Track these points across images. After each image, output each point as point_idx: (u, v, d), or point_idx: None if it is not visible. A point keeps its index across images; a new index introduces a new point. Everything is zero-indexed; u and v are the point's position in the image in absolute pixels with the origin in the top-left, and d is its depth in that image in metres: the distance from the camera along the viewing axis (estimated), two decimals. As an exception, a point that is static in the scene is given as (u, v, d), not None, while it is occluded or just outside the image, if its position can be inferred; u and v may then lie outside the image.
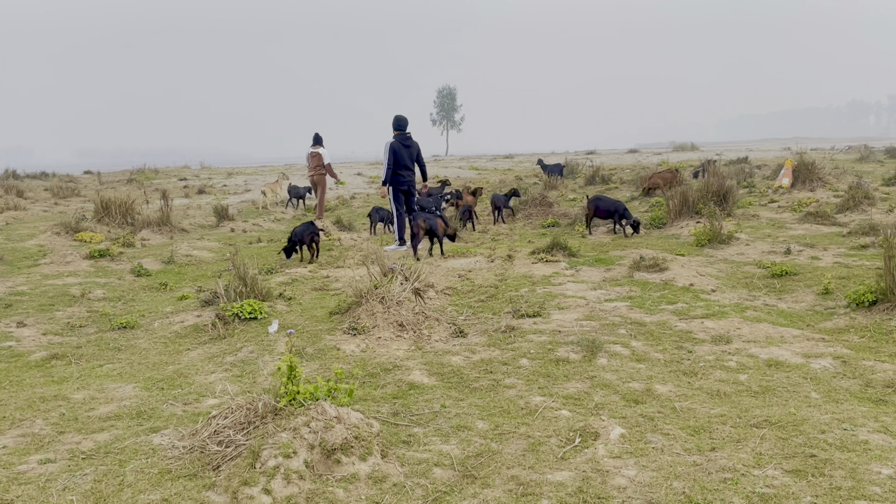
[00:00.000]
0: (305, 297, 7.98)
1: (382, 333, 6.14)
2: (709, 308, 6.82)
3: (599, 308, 6.99)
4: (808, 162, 17.57)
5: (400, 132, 11.57)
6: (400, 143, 11.49)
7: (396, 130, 11.60)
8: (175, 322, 6.95)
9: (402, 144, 11.51)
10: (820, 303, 7.03)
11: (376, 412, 4.50)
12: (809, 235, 10.86)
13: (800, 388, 4.70)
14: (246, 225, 15.07)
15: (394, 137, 11.52)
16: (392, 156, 11.39)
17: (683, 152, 42.36)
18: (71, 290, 8.51)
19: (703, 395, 4.62)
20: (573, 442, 3.94)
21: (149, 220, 13.75)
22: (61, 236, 12.50)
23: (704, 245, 10.39)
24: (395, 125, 11.65)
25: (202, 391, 4.99)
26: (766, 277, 8.20)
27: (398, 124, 11.64)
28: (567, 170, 24.77)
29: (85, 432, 4.28)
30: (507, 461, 3.78)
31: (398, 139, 11.52)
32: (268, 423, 3.87)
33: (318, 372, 5.29)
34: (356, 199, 21.35)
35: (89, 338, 6.59)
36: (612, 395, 4.67)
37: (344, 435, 3.75)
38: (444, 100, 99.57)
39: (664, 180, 16.94)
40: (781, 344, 5.66)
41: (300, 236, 10.34)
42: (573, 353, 5.51)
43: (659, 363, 5.29)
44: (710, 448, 3.80)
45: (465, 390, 4.90)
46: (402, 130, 11.60)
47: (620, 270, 8.80)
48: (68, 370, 5.59)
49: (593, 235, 12.13)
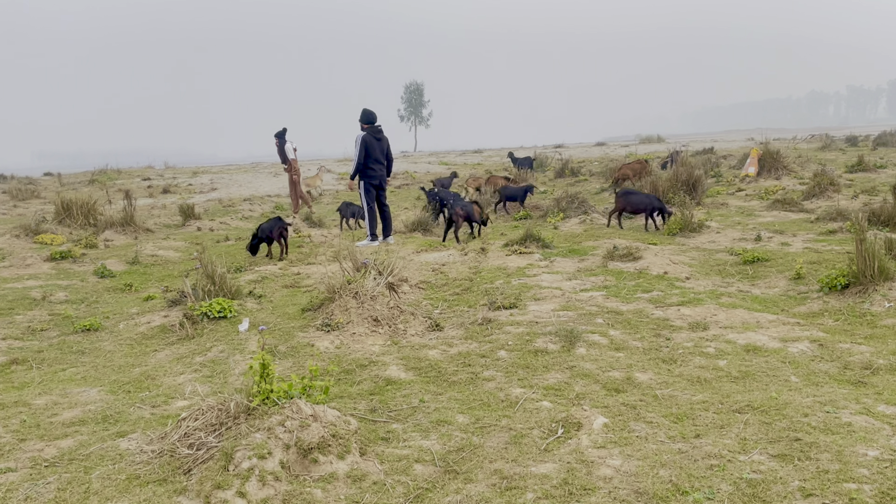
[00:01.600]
0: (276, 294, 7.81)
1: (357, 329, 6.01)
2: (684, 295, 6.81)
3: (575, 298, 6.93)
4: (773, 151, 17.79)
5: (370, 125, 11.38)
6: (372, 136, 11.30)
7: (366, 124, 11.39)
8: (141, 323, 6.73)
9: (374, 138, 11.32)
10: (793, 288, 7.06)
11: (353, 409, 4.38)
12: (778, 222, 10.96)
13: (779, 372, 4.69)
14: (213, 224, 14.78)
15: (364, 131, 11.34)
16: (364, 149, 11.21)
17: (650, 144, 42.78)
18: (31, 293, 8.21)
19: (684, 382, 4.58)
20: (556, 433, 3.86)
21: (112, 220, 13.38)
22: (21, 239, 12.10)
23: (676, 234, 10.42)
24: (365, 118, 11.44)
25: (171, 393, 4.82)
26: (738, 264, 8.23)
27: (368, 117, 11.43)
28: (536, 163, 24.79)
29: (48, 439, 4.09)
30: (489, 455, 3.68)
31: (370, 132, 11.32)
32: (241, 424, 3.73)
33: (291, 370, 5.15)
34: (325, 196, 21.10)
35: (51, 341, 6.35)
36: (593, 384, 4.61)
37: (321, 433, 3.62)
38: (411, 95, 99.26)
39: (633, 171, 16.99)
40: (758, 329, 5.65)
41: (267, 232, 10.13)
42: (551, 343, 5.44)
43: (638, 351, 5.24)
44: (694, 435, 3.75)
45: (443, 384, 4.80)
46: (373, 123, 11.40)
47: (594, 260, 8.77)
48: (29, 375, 5.37)
49: (566, 227, 12.10)
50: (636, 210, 11.48)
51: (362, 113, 11.50)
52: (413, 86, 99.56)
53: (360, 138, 11.24)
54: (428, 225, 12.42)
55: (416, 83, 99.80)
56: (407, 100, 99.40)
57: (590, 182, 19.54)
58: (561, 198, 13.66)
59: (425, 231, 12.24)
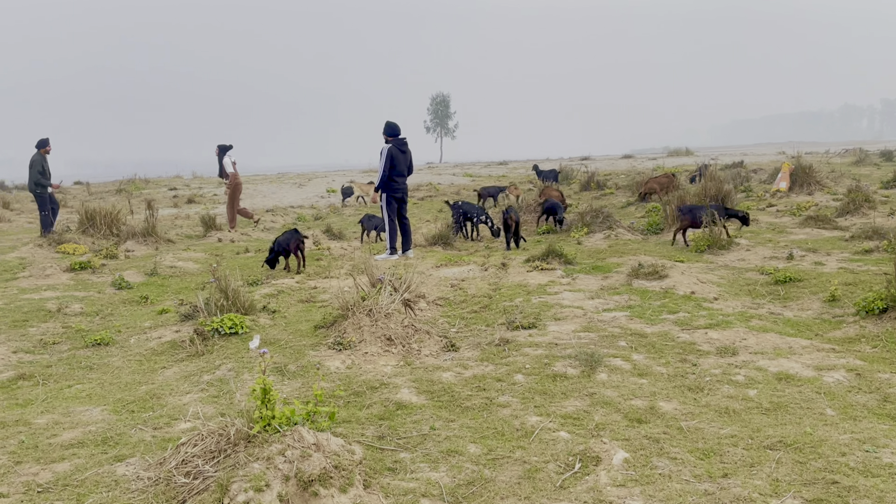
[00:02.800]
0: (291, 309, 7.66)
1: (369, 348, 5.82)
2: (712, 317, 6.52)
3: (598, 318, 6.68)
4: (806, 165, 17.35)
5: (395, 137, 11.20)
6: (397, 148, 11.13)
7: (391, 136, 11.21)
8: (152, 338, 6.61)
9: (399, 150, 11.16)
10: (827, 310, 6.73)
11: (360, 435, 4.18)
12: (811, 240, 10.59)
13: (813, 404, 4.40)
14: (234, 235, 14.73)
15: (390, 143, 11.17)
16: (389, 161, 11.05)
17: (678, 157, 42.24)
18: (47, 304, 8.16)
19: (711, 413, 4.31)
20: (573, 468, 3.63)
21: (134, 230, 13.39)
22: (43, 248, 12.15)
23: (704, 251, 10.10)
24: (390, 131, 11.24)
25: (175, 414, 4.66)
26: (769, 284, 7.91)
27: (392, 130, 11.24)
28: (562, 175, 24.52)
29: (44, 462, 3.94)
30: (500, 490, 3.46)
31: (396, 144, 11.13)
32: (239, 452, 3.55)
33: (299, 391, 4.97)
34: (347, 208, 21.04)
35: (61, 356, 6.25)
36: (614, 413, 4.36)
37: (322, 464, 3.43)
38: (437, 107, 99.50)
39: (660, 185, 16.69)
40: (790, 355, 5.36)
41: (284, 245, 10.01)
42: (571, 367, 5.20)
43: (662, 378, 4.98)
44: (721, 474, 3.49)
45: (456, 410, 4.58)
46: (397, 136, 11.23)
47: (618, 278, 8.50)
48: (34, 392, 5.25)
49: (590, 242, 11.81)
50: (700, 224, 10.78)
51: (386, 125, 11.33)
52: (439, 97, 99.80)
53: (385, 150, 11.07)
54: (449, 239, 12.22)
55: (443, 95, 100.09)
56: (433, 111, 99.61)
57: (616, 195, 19.22)
58: (585, 212, 13.39)
59: (446, 245, 12.04)
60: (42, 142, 13.74)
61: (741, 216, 11.09)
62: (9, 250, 12.27)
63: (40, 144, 13.72)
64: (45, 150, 13.71)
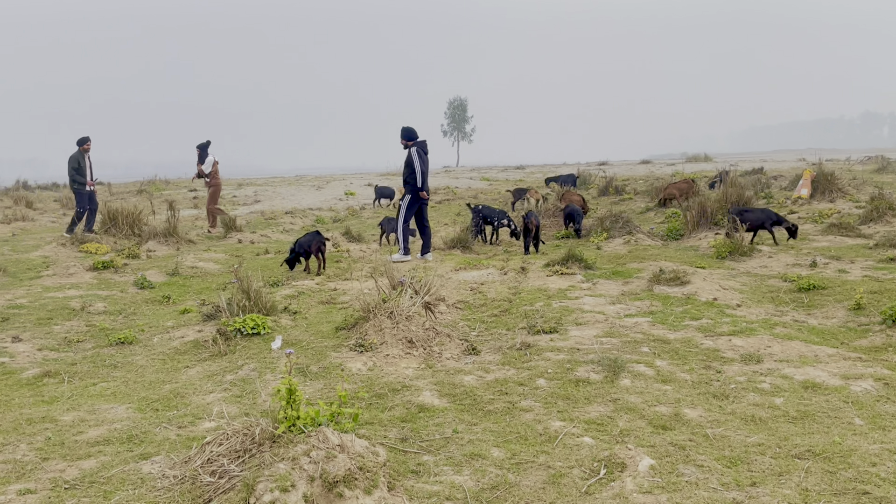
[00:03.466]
0: (312, 310, 7.68)
1: (391, 350, 5.82)
2: (735, 324, 6.46)
3: (619, 324, 6.64)
4: (827, 172, 17.15)
5: (413, 141, 11.24)
6: (421, 150, 11.20)
7: (409, 140, 11.24)
8: (175, 337, 6.65)
9: (423, 152, 11.23)
10: (853, 319, 6.65)
11: (383, 437, 4.18)
12: (834, 247, 10.47)
13: (842, 413, 4.34)
14: (254, 236, 14.81)
15: (413, 146, 11.18)
16: (421, 163, 11.11)
17: (697, 163, 41.90)
18: (71, 303, 8.24)
19: (737, 421, 4.27)
20: (598, 474, 3.60)
21: (155, 231, 13.51)
22: (66, 247, 12.28)
23: (725, 257, 10.02)
24: (409, 135, 11.28)
25: (199, 413, 4.68)
26: (792, 291, 7.83)
27: (412, 134, 11.29)
28: (580, 181, 24.41)
29: (70, 459, 3.98)
30: (525, 495, 3.45)
31: (420, 147, 11.20)
32: (265, 452, 3.56)
33: (321, 392, 4.98)
34: (366, 210, 21.09)
35: (85, 354, 6.31)
36: (638, 420, 4.33)
37: (347, 465, 3.43)
38: (455, 111, 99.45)
39: (680, 191, 16.58)
40: (816, 364, 5.29)
41: (305, 246, 10.05)
42: (594, 372, 5.17)
43: (686, 384, 4.94)
44: (749, 482, 3.45)
45: (478, 413, 4.57)
46: (416, 139, 11.28)
47: (639, 284, 8.45)
48: (60, 389, 5.30)
49: (609, 247, 11.76)
50: (753, 227, 10.87)
51: (404, 130, 11.35)
52: (457, 101, 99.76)
53: (414, 152, 11.11)
54: (467, 242, 12.21)
55: (460, 98, 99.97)
56: (450, 115, 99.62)
57: (634, 201, 19.12)
58: (604, 217, 13.34)
59: (465, 248, 12.03)
60: (81, 139, 13.82)
61: (790, 227, 10.74)
62: (33, 249, 12.42)
63: (80, 142, 13.79)
64: (84, 148, 13.75)
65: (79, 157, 13.66)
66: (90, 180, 13.92)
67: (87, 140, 13.82)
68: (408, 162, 11.22)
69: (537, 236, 11.64)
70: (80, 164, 13.66)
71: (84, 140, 13.78)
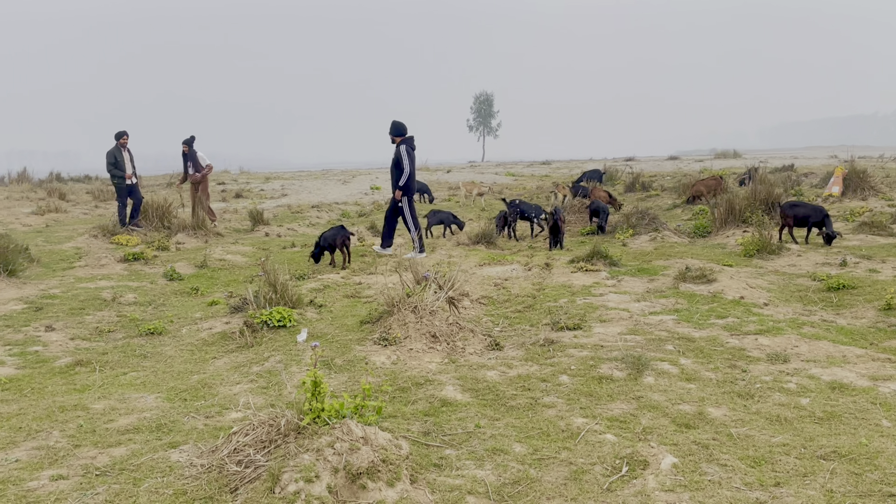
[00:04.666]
0: (336, 304, 7.75)
1: (414, 345, 5.86)
2: (762, 323, 6.40)
3: (644, 321, 6.61)
4: (859, 170, 16.83)
5: (402, 137, 11.09)
6: (410, 146, 11.07)
7: (399, 136, 11.08)
8: (203, 329, 6.76)
9: (412, 148, 11.13)
10: (882, 319, 6.55)
11: (406, 430, 4.22)
12: (865, 246, 10.30)
13: (869, 414, 4.29)
14: (280, 229, 14.96)
15: (403, 143, 11.03)
16: (410, 160, 11.00)
17: (726, 159, 41.40)
18: (102, 293, 8.41)
19: (762, 421, 4.23)
20: (620, 471, 3.60)
21: (184, 223, 13.71)
22: (98, 239, 12.51)
23: (753, 255, 9.91)
24: (399, 131, 11.10)
25: (226, 403, 4.76)
26: (821, 291, 7.73)
27: (401, 129, 11.12)
28: (606, 177, 24.26)
29: (101, 446, 4.08)
30: (546, 491, 3.46)
31: (409, 143, 11.06)
32: (290, 443, 3.61)
33: (346, 385, 5.03)
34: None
35: (116, 343, 6.44)
36: (661, 418, 4.31)
37: (371, 458, 3.47)
38: (481, 106, 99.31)
39: (708, 188, 16.41)
40: (844, 364, 5.23)
41: (330, 240, 10.13)
42: (617, 370, 5.16)
43: (711, 383, 4.91)
44: (773, 483, 3.43)
45: (500, 409, 4.59)
46: (405, 135, 11.13)
47: (665, 281, 8.39)
48: (91, 378, 5.43)
49: (635, 244, 11.68)
50: (800, 222, 10.77)
51: (394, 125, 11.17)
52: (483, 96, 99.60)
53: (405, 149, 10.98)
54: (492, 237, 12.22)
55: (486, 93, 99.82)
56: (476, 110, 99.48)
57: (661, 197, 18.96)
58: (631, 213, 13.25)
59: (489, 244, 12.04)
60: (118, 133, 13.85)
61: (830, 234, 10.37)
62: (65, 240, 12.67)
63: (117, 136, 13.83)
64: (121, 142, 13.80)
65: (115, 152, 13.76)
66: (129, 173, 13.86)
67: (124, 134, 13.89)
68: (396, 159, 11.07)
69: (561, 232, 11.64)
70: (116, 159, 13.74)
71: (120, 134, 13.86)
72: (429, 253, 11.38)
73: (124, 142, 13.78)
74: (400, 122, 11.28)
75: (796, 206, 10.96)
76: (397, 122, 11.27)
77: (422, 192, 21.97)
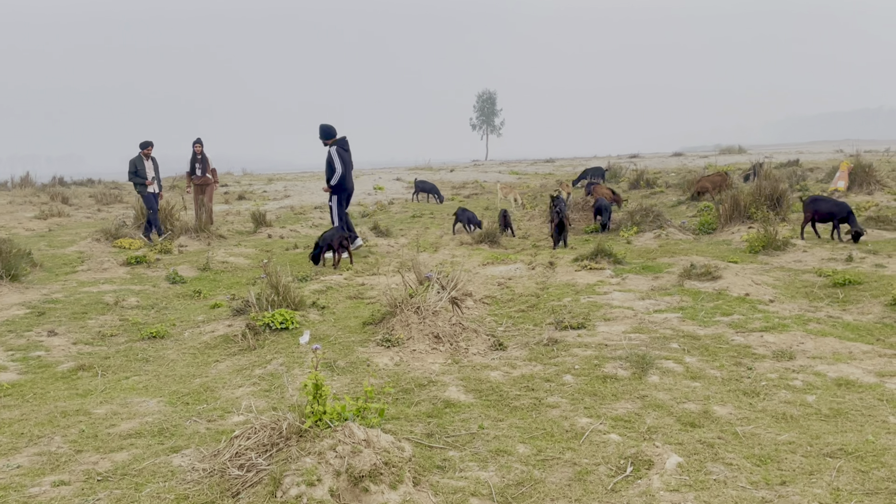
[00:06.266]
0: (339, 305, 7.73)
1: (417, 346, 5.84)
2: (768, 320, 6.35)
3: (648, 319, 6.57)
4: (865, 164, 16.76)
5: (332, 139, 11.39)
6: (342, 148, 11.36)
7: (328, 139, 11.40)
8: (205, 332, 6.75)
9: (344, 150, 11.39)
10: (889, 315, 6.50)
11: (409, 432, 4.20)
12: (871, 241, 10.23)
13: (875, 411, 4.25)
14: (283, 231, 14.95)
15: (333, 145, 11.31)
16: (343, 162, 11.25)
17: (730, 155, 41.25)
18: (105, 297, 8.40)
19: (768, 419, 4.20)
20: (624, 471, 3.57)
21: (187, 226, 13.71)
22: (101, 243, 12.52)
23: (758, 252, 9.85)
24: (327, 134, 11.42)
25: (228, 407, 4.74)
26: (827, 287, 7.67)
27: (330, 132, 11.43)
28: (610, 174, 24.20)
29: (103, 451, 4.06)
30: (550, 492, 3.43)
31: (340, 145, 11.36)
32: (292, 447, 3.59)
33: (348, 387, 5.01)
34: (394, 205, 21.15)
35: (118, 348, 6.43)
36: (666, 417, 4.28)
37: (373, 460, 3.45)
38: (484, 104, 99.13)
39: (713, 184, 16.34)
40: (851, 361, 5.18)
41: (329, 241, 10.13)
42: (621, 369, 5.12)
43: (716, 381, 4.87)
44: (779, 481, 3.39)
45: (504, 409, 4.56)
46: (335, 137, 11.41)
47: (670, 279, 8.35)
48: (94, 382, 5.41)
49: (639, 241, 11.63)
50: (824, 218, 10.64)
51: (323, 129, 11.45)
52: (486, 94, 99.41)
53: (334, 152, 11.25)
54: (495, 237, 12.19)
55: (489, 92, 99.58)
56: (479, 108, 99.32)
57: (666, 194, 18.89)
58: (635, 210, 13.19)
59: (492, 243, 12.01)
60: (142, 144, 13.76)
61: (857, 232, 10.17)
62: (68, 244, 12.68)
63: (141, 146, 13.75)
64: (145, 153, 13.68)
65: (136, 161, 13.65)
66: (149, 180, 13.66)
67: (148, 145, 13.71)
68: (328, 161, 11.34)
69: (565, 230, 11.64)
70: (136, 167, 13.65)
71: (145, 144, 13.72)
72: (431, 253, 11.37)
73: (148, 152, 13.68)
74: (328, 125, 11.56)
75: (818, 201, 10.84)
76: (325, 125, 11.56)
77: (431, 192, 21.94)
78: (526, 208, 18.10)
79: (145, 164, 13.52)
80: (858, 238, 10.16)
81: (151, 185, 13.52)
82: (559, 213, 11.45)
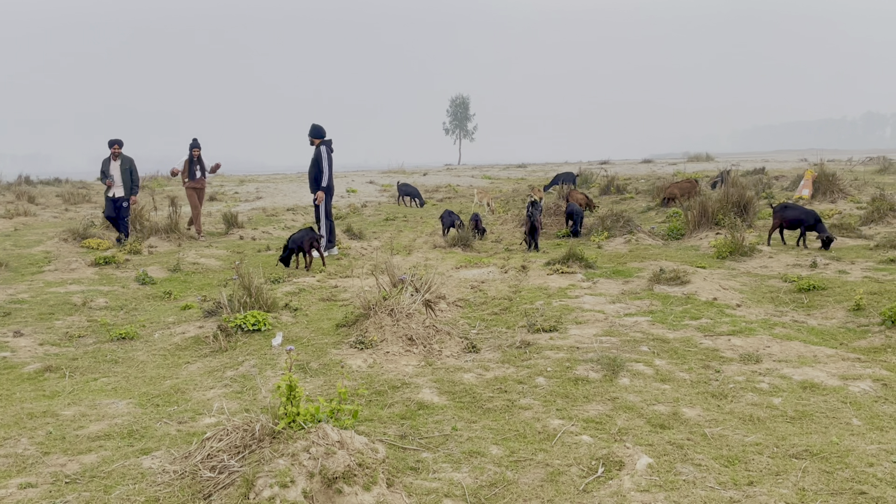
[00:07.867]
0: (312, 307, 7.70)
1: (391, 348, 5.84)
2: (735, 324, 6.47)
3: (619, 323, 6.66)
4: (829, 173, 17.15)
5: (321, 139, 11.40)
6: (329, 148, 11.38)
7: (318, 138, 11.40)
8: (176, 333, 6.67)
9: (330, 150, 11.41)
10: (852, 319, 6.67)
11: (383, 434, 4.20)
12: (835, 248, 10.47)
13: (840, 413, 4.36)
14: (255, 232, 14.84)
15: (322, 144, 11.33)
16: (330, 163, 11.29)
17: (699, 163, 41.86)
18: (73, 298, 8.27)
19: (735, 421, 4.28)
20: (596, 472, 3.62)
21: (157, 226, 13.52)
22: (69, 243, 12.31)
23: (726, 257, 10.03)
24: (318, 133, 11.43)
25: (199, 409, 4.70)
26: (792, 292, 7.84)
27: (320, 132, 11.44)
28: (581, 179, 24.41)
29: (71, 453, 4.00)
30: (523, 493, 3.46)
31: (329, 145, 11.38)
32: (265, 448, 3.58)
33: (322, 389, 5.00)
34: (367, 208, 21.11)
35: (87, 349, 6.33)
36: (637, 418, 4.34)
37: (347, 462, 3.45)
38: (457, 109, 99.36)
39: (682, 190, 16.58)
40: (815, 364, 5.31)
41: (298, 243, 10.09)
42: (593, 371, 5.19)
43: (685, 384, 4.96)
44: (747, 482, 3.47)
45: (477, 411, 4.59)
46: (324, 138, 11.44)
47: (640, 283, 8.46)
48: (61, 384, 5.33)
49: (610, 246, 11.77)
50: (792, 225, 10.81)
51: (313, 128, 11.48)
52: (459, 99, 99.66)
53: (324, 152, 11.27)
54: (468, 240, 12.24)
55: (462, 96, 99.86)
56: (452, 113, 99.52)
57: (636, 200, 19.13)
58: (606, 216, 13.35)
59: (465, 247, 12.06)
60: (109, 142, 13.14)
61: (826, 238, 10.29)
62: (35, 244, 12.44)
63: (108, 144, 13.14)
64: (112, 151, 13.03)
65: (105, 161, 13.05)
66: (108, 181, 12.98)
67: (114, 143, 12.98)
68: (316, 159, 11.34)
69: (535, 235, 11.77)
70: (103, 168, 13.04)
71: (111, 143, 13.06)
72: (405, 256, 11.38)
73: (115, 151, 12.98)
74: (319, 125, 11.58)
75: (788, 209, 11.03)
76: (316, 125, 11.58)
77: (413, 196, 21.93)
78: (496, 213, 18.15)
79: (110, 165, 12.95)
80: (829, 244, 10.31)
81: (113, 188, 12.82)
82: (530, 217, 11.57)
